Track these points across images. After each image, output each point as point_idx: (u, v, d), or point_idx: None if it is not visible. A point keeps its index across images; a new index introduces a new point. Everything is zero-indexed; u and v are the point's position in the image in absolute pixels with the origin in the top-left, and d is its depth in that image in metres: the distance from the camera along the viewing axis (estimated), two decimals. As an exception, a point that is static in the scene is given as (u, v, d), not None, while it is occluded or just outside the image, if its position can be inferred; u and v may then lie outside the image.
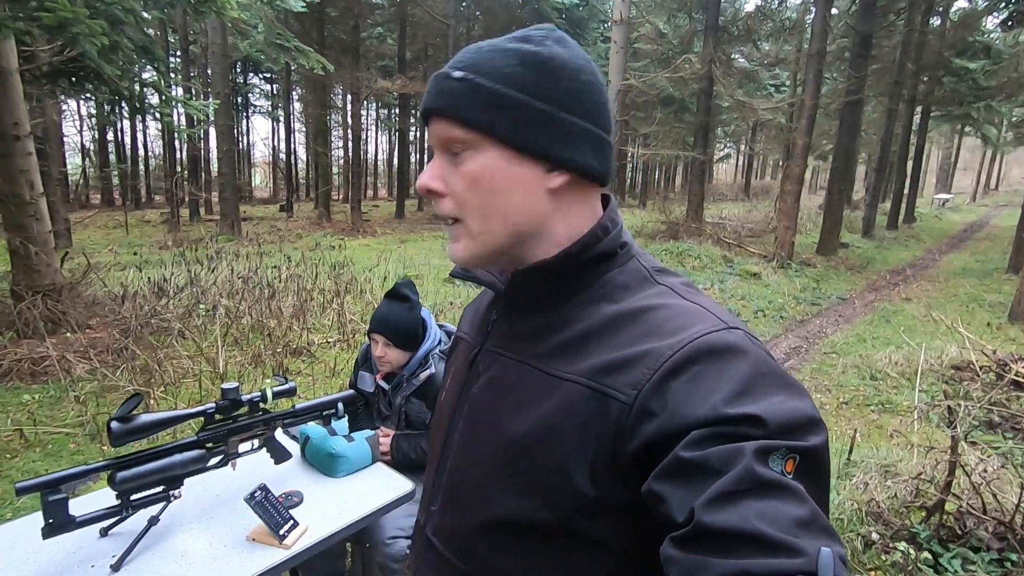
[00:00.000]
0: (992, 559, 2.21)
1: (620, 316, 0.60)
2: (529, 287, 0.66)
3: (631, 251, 0.67)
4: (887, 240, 14.80)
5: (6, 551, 1.33)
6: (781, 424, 0.49)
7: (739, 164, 41.30)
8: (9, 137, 4.43)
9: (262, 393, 1.61)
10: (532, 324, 0.66)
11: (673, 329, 0.56)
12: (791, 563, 0.42)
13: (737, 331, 0.56)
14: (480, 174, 0.60)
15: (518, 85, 0.58)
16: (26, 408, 3.50)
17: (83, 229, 13.14)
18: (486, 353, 0.70)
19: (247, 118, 30.78)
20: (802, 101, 9.70)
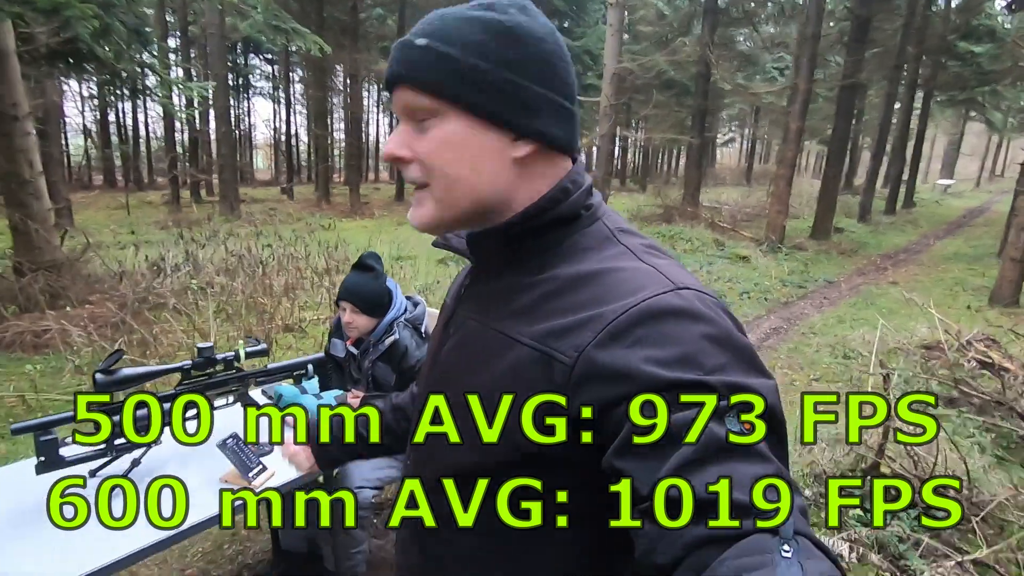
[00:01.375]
0: (920, 514, 2.38)
1: (576, 278, 0.60)
2: (492, 250, 0.67)
3: (596, 213, 0.66)
4: (883, 225, 14.84)
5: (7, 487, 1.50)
6: (730, 385, 0.49)
7: (743, 148, 41.04)
8: (8, 117, 4.57)
9: (236, 352, 1.77)
10: (497, 288, 0.67)
11: (622, 293, 0.56)
12: (754, 515, 0.43)
13: (686, 292, 0.56)
14: (446, 141, 0.60)
15: (483, 54, 0.58)
16: (28, 377, 3.70)
17: (85, 209, 13.30)
18: (456, 317, 0.73)
19: (248, 100, 30.71)
20: (796, 85, 9.71)
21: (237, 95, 27.79)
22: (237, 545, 2.40)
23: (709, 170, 30.28)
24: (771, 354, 5.15)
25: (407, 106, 0.61)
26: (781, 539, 0.41)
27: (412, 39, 0.60)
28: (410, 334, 2.15)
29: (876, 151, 16.07)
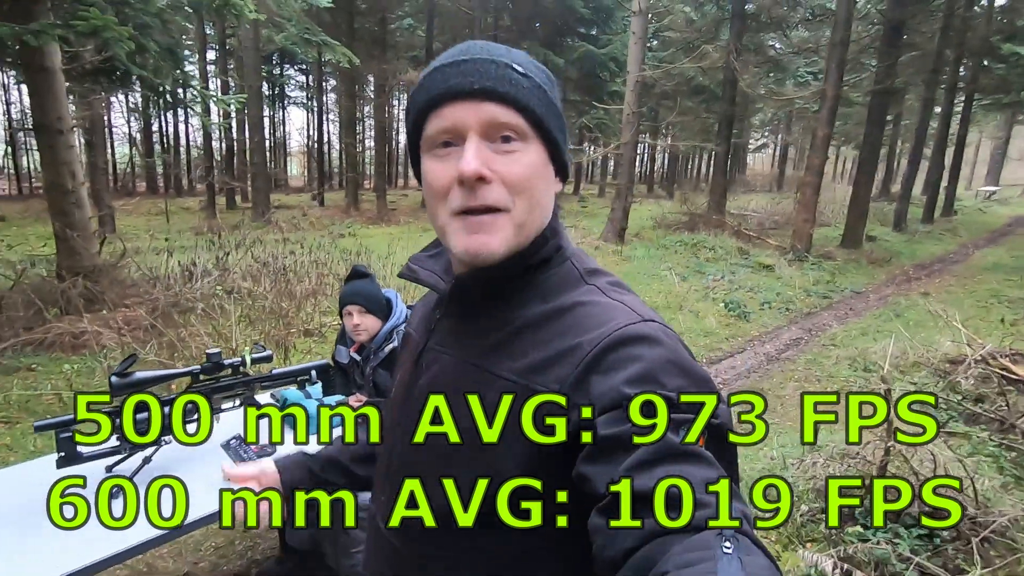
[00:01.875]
0: (921, 535, 2.34)
1: (548, 315, 0.64)
2: (473, 289, 0.68)
3: (565, 253, 0.70)
4: (920, 234, 14.37)
5: (32, 479, 1.63)
6: (688, 403, 0.53)
7: (776, 153, 40.25)
8: (53, 131, 4.87)
9: (242, 358, 1.88)
10: (472, 323, 0.69)
11: (594, 325, 0.60)
12: (697, 515, 0.46)
13: (652, 323, 0.61)
14: (534, 166, 0.62)
15: (552, 93, 0.64)
16: (65, 376, 3.93)
17: (127, 216, 13.92)
18: (429, 351, 0.73)
19: (283, 109, 31.67)
20: (824, 91, 9.53)
21: (273, 104, 28.70)
22: (247, 541, 2.52)
23: (739, 176, 29.82)
24: (788, 366, 5.08)
25: (495, 121, 0.60)
26: (723, 536, 0.43)
27: (511, 63, 0.61)
28: (409, 342, 2.24)
29: (913, 157, 15.60)
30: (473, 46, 0.63)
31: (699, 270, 8.67)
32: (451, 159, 0.61)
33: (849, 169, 41.16)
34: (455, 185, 0.61)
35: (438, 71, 0.62)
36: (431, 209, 0.66)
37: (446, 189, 0.62)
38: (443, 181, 0.62)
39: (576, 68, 18.17)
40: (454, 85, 0.60)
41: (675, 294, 7.17)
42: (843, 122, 21.31)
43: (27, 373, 4.01)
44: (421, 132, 0.65)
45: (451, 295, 0.70)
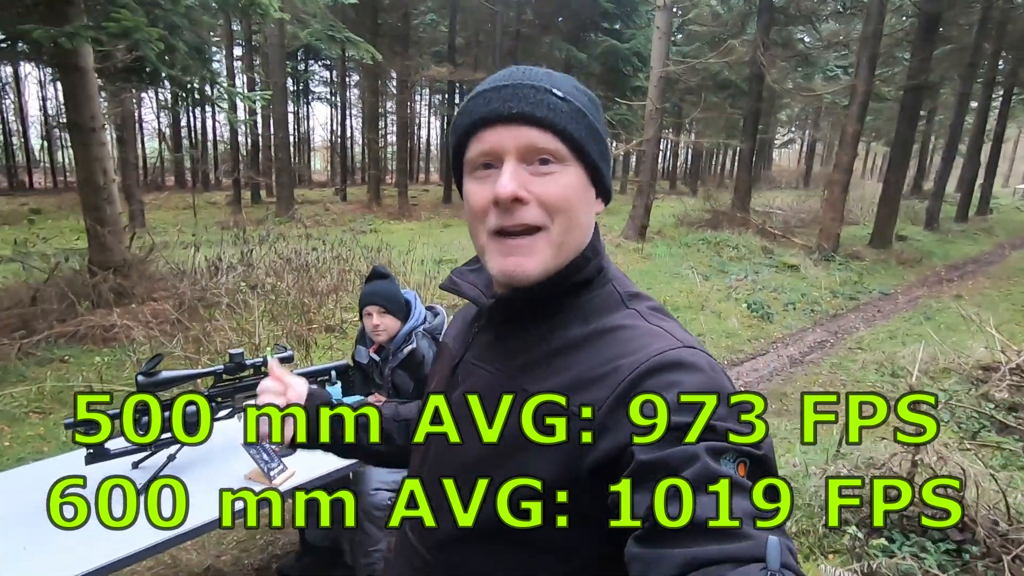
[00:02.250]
0: (949, 549, 2.28)
1: (588, 337, 0.64)
2: (513, 308, 0.69)
3: (607, 275, 0.70)
4: (953, 233, 13.97)
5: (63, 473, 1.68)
6: (729, 431, 0.53)
7: (803, 150, 39.42)
8: (86, 129, 5.00)
9: (264, 358, 1.91)
10: (510, 340, 0.70)
11: (633, 349, 0.60)
12: (738, 547, 0.45)
13: (691, 350, 0.61)
14: (572, 187, 0.63)
15: (594, 117, 0.65)
16: (96, 368, 4.04)
17: (157, 210, 14.26)
18: (465, 364, 0.74)
19: (308, 104, 32.05)
20: (854, 87, 9.29)
21: (297, 100, 29.06)
22: (268, 536, 2.56)
23: (764, 173, 29.29)
24: (812, 369, 4.98)
25: (533, 146, 0.62)
26: (768, 570, 0.42)
27: (549, 88, 0.63)
28: (428, 344, 2.25)
29: (947, 154, 15.12)
30: (515, 71, 0.65)
31: (722, 269, 8.54)
32: (489, 181, 0.63)
33: (879, 166, 40.13)
34: (492, 206, 0.63)
35: (480, 96, 0.65)
36: (472, 229, 0.68)
37: (484, 210, 0.64)
38: (482, 202, 0.64)
39: (599, 63, 17.99)
40: (493, 110, 0.62)
41: (697, 294, 7.08)
42: (873, 118, 20.76)
43: (60, 365, 4.13)
44: (464, 154, 0.67)
45: (491, 312, 0.71)
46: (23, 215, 13.27)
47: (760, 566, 0.43)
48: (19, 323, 4.58)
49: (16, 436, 3.19)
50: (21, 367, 3.98)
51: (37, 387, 3.65)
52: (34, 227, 10.84)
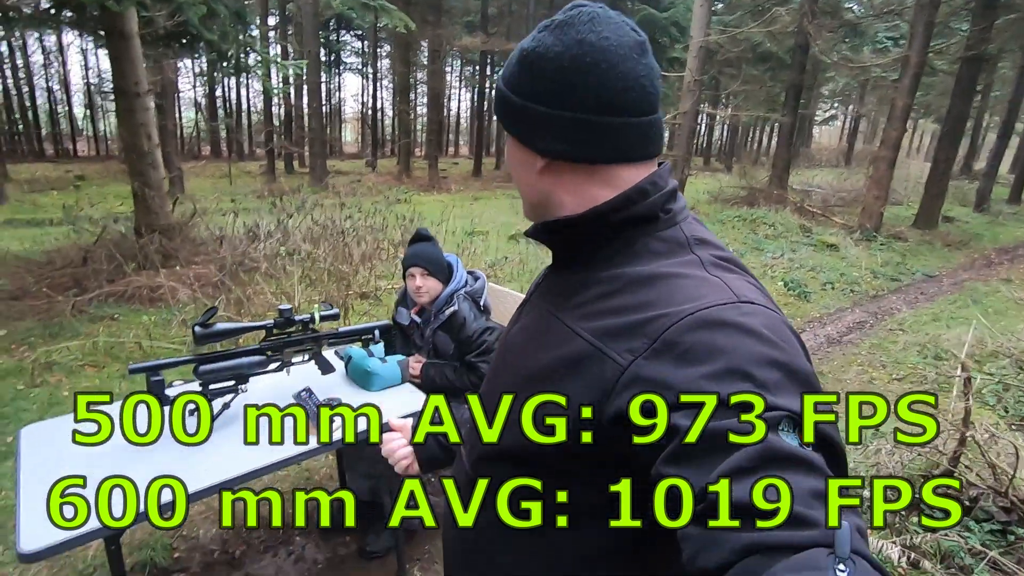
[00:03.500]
0: (994, 530, 2.24)
1: (637, 279, 0.62)
2: (565, 245, 0.72)
3: (676, 218, 0.67)
4: (1004, 215, 13.34)
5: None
6: (785, 401, 0.48)
7: (845, 127, 37.88)
8: (131, 94, 5.11)
9: (311, 315, 1.96)
10: (567, 280, 0.71)
11: (681, 299, 0.57)
12: (805, 535, 0.41)
13: (747, 306, 0.55)
14: (508, 152, 0.73)
15: (510, 85, 0.68)
16: (144, 326, 4.20)
17: (194, 177, 14.57)
18: (530, 303, 0.79)
19: (339, 75, 32.04)
20: (907, 58, 8.83)
21: (329, 71, 29.05)
22: (313, 486, 2.66)
23: (803, 150, 28.29)
24: (850, 349, 4.88)
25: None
26: (836, 558, 0.38)
27: (499, 78, 0.72)
28: (469, 306, 2.27)
29: (1003, 131, 14.36)
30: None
31: (757, 247, 8.35)
32: None
33: (926, 144, 38.36)
34: None
35: None
36: None
37: None
38: None
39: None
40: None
41: (731, 271, 6.93)
42: (924, 92, 19.73)
43: (110, 322, 4.31)
44: None
45: (552, 250, 0.74)
46: (69, 181, 13.71)
47: (827, 551, 0.39)
48: (72, 282, 4.78)
49: (74, 387, 3.36)
50: (75, 323, 4.17)
51: (91, 342, 3.82)
52: (79, 193, 11.20)
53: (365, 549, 2.27)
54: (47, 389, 3.31)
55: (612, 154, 0.65)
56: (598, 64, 0.61)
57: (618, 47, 0.62)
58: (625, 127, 0.64)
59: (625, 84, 0.62)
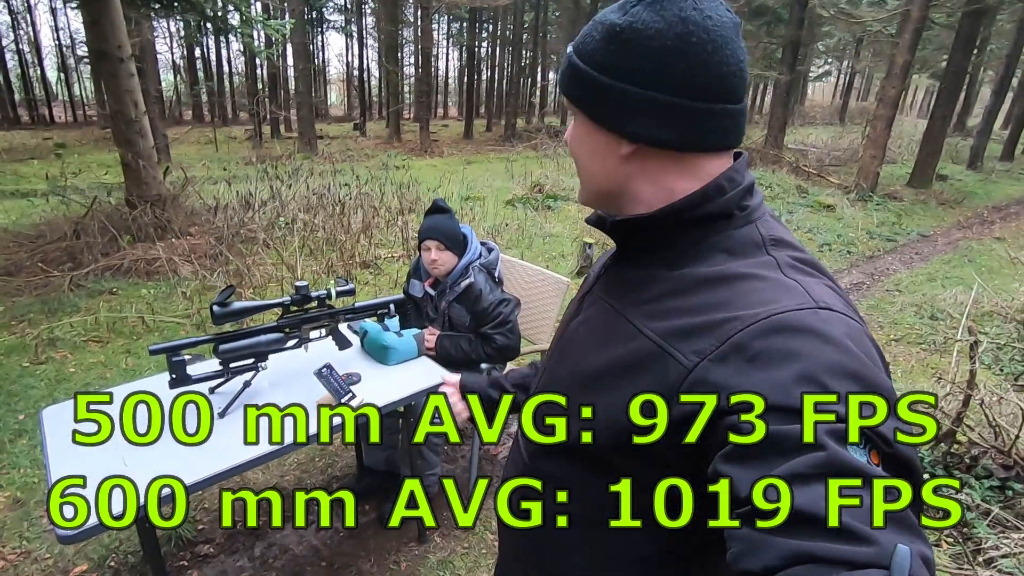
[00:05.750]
0: (993, 486, 2.32)
1: (710, 279, 0.60)
2: (631, 239, 0.69)
3: (752, 215, 0.64)
4: (997, 173, 13.36)
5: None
6: (857, 414, 0.46)
7: (839, 83, 37.38)
8: (115, 59, 4.90)
9: (328, 291, 1.94)
10: (633, 275, 0.69)
11: (754, 302, 0.54)
12: (859, 551, 0.39)
13: (825, 312, 0.53)
14: (573, 138, 0.69)
15: (594, 62, 0.62)
16: (144, 300, 4.16)
17: (179, 145, 14.18)
18: (592, 295, 0.77)
19: (322, 34, 30.90)
20: (908, 12, 8.65)
21: (311, 30, 28.02)
22: (327, 459, 2.70)
23: (797, 108, 27.96)
24: (849, 311, 4.94)
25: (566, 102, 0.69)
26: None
27: (570, 50, 0.66)
28: (484, 278, 2.26)
29: (999, 87, 14.24)
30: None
31: (754, 209, 8.35)
32: None
33: (920, 100, 38.02)
34: None
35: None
36: None
37: None
38: None
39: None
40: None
41: (729, 234, 6.94)
42: (920, 48, 19.41)
43: (110, 296, 4.26)
44: None
45: (617, 242, 0.73)
46: (49, 149, 13.31)
47: (886, 573, 0.38)
48: (66, 256, 4.70)
49: (79, 363, 3.34)
50: (74, 298, 4.12)
51: (93, 317, 3.78)
52: (62, 162, 10.89)
53: (385, 517, 2.32)
54: (53, 365, 3.29)
55: (703, 142, 0.62)
56: (704, 45, 0.57)
57: (721, 27, 0.58)
58: (721, 114, 0.60)
59: (728, 68, 0.59)
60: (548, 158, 11.59)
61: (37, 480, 2.42)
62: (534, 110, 24.80)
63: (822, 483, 0.42)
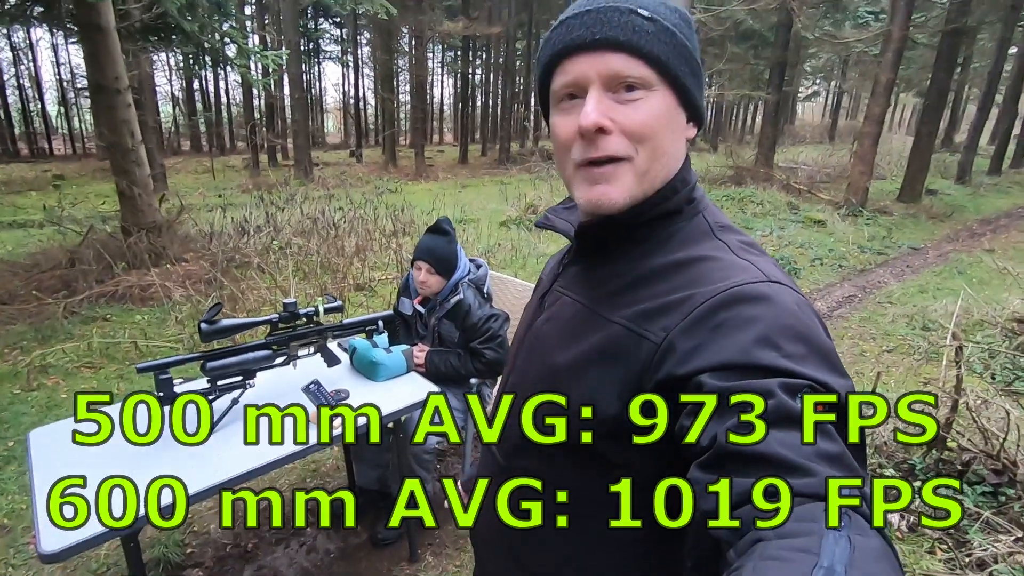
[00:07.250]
0: (986, 492, 2.32)
1: (670, 266, 0.63)
2: (598, 236, 0.70)
3: (698, 206, 0.68)
4: (985, 187, 13.51)
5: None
6: (804, 375, 0.49)
7: (828, 103, 38.04)
8: (112, 91, 5.00)
9: (315, 308, 1.96)
10: (594, 270, 0.71)
11: (715, 279, 0.58)
12: (802, 482, 0.42)
13: (776, 285, 0.57)
14: (658, 113, 0.60)
15: (684, 35, 0.61)
16: (138, 326, 4.17)
17: (176, 174, 14.33)
18: (553, 293, 0.77)
19: (319, 64, 31.45)
20: (889, 32, 8.87)
21: (308, 60, 28.53)
22: (319, 479, 2.68)
23: (787, 127, 28.40)
24: (841, 323, 4.96)
25: (619, 73, 0.59)
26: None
27: (634, 7, 0.59)
28: (473, 294, 2.28)
29: (983, 103, 14.49)
30: None
31: (746, 225, 8.42)
32: (574, 112, 0.61)
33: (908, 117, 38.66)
34: (577, 138, 0.61)
35: (563, 24, 0.62)
36: (559, 162, 0.67)
37: (570, 142, 0.63)
38: (567, 134, 0.63)
39: (618, 14, 17.29)
40: (576, 38, 0.60)
41: (721, 250, 6.99)
42: (904, 67, 19.84)
43: (103, 323, 4.27)
44: (549, 87, 0.65)
45: (576, 241, 0.73)
46: (47, 181, 13.42)
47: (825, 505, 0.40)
48: (60, 284, 4.72)
49: (72, 389, 3.34)
50: (67, 325, 4.12)
51: (86, 343, 3.78)
52: (60, 193, 10.98)
53: (376, 537, 2.30)
54: (45, 392, 3.29)
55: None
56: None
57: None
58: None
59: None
60: (542, 180, 11.72)
61: (25, 507, 2.40)
62: (528, 134, 25.16)
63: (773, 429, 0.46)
